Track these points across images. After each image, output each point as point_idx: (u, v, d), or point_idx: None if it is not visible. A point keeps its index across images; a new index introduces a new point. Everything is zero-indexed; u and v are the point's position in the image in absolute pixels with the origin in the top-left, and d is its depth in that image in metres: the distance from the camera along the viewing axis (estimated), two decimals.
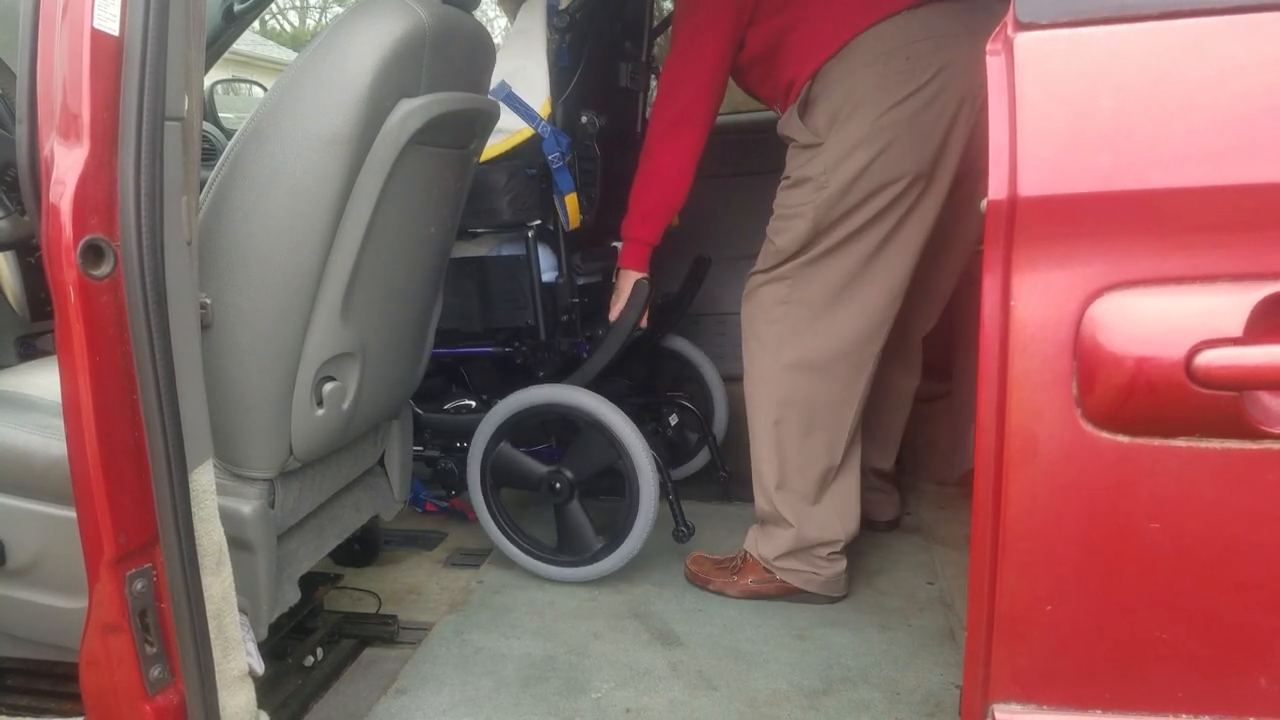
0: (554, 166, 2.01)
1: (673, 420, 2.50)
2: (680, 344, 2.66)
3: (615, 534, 2.01)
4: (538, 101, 1.98)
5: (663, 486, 2.01)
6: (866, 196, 1.77)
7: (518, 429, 2.08)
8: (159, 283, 0.98)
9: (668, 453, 2.01)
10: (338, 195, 1.29)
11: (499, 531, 2.10)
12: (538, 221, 2.06)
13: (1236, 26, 0.78)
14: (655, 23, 2.41)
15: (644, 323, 2.09)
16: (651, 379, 2.59)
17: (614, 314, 2.06)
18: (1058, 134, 0.81)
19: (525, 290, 2.08)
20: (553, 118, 2.01)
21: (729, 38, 1.89)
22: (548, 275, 2.12)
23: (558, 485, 2.03)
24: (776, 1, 1.86)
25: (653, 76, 2.50)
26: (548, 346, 2.15)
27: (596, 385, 2.07)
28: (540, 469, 2.06)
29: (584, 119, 2.07)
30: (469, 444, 2.11)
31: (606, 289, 2.21)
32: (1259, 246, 0.78)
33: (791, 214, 1.84)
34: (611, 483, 2.08)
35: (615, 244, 2.23)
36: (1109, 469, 0.83)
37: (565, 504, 2.04)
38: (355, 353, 1.45)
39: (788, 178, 1.88)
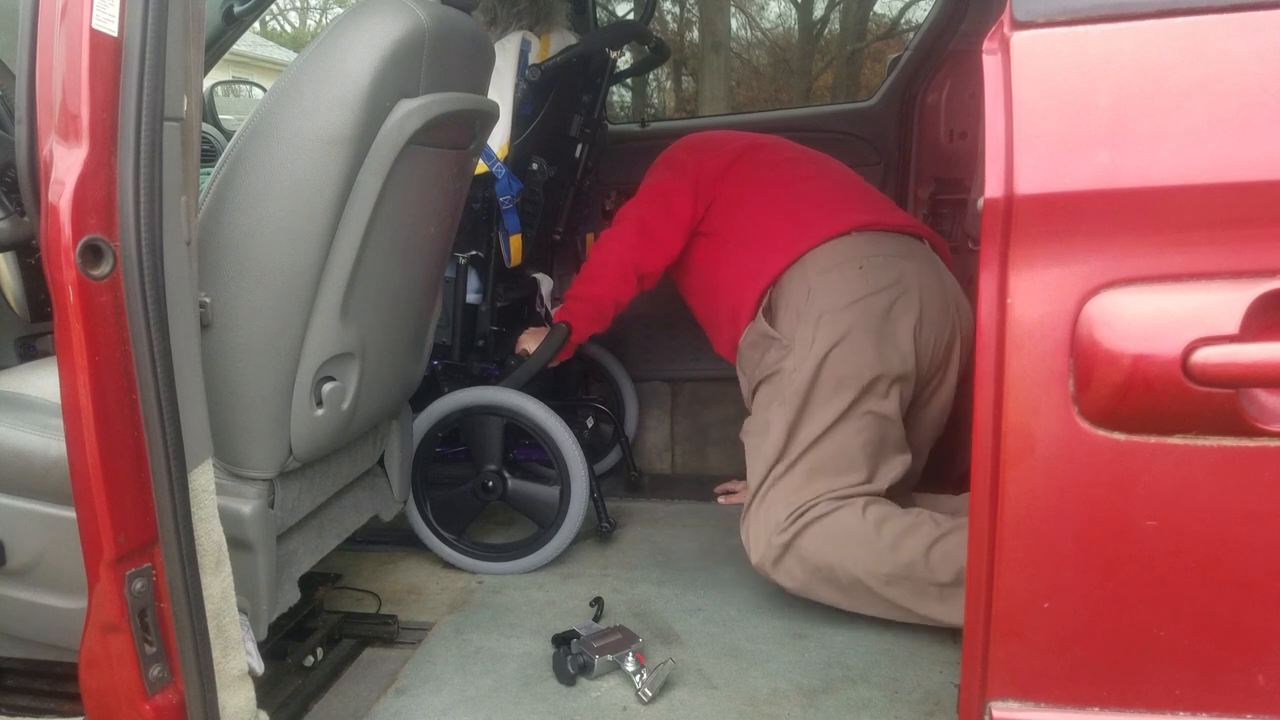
0: (504, 208, 2.11)
1: (589, 422, 2.63)
2: (592, 348, 2.76)
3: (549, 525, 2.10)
4: (497, 143, 2.05)
5: (590, 484, 2.10)
6: (836, 385, 1.80)
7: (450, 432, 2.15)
8: (158, 283, 0.98)
9: (586, 453, 2.13)
10: (337, 195, 1.29)
11: (430, 534, 2.13)
12: (474, 252, 2.16)
13: (1232, 24, 0.78)
14: (612, 74, 2.47)
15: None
16: (563, 381, 2.68)
17: (531, 348, 2.15)
18: (1054, 132, 0.81)
19: (448, 310, 2.15)
20: (507, 160, 2.07)
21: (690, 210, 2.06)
22: (471, 296, 2.21)
23: (490, 483, 2.10)
24: (727, 208, 2.04)
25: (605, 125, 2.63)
26: (460, 368, 2.23)
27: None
28: (467, 481, 2.13)
29: (534, 166, 2.16)
30: None
31: (520, 320, 2.38)
32: (1255, 244, 0.78)
33: (767, 413, 1.88)
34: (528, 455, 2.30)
35: (535, 275, 2.40)
36: (1106, 467, 0.83)
37: (506, 491, 2.11)
38: (355, 353, 1.45)
39: (762, 377, 1.94)
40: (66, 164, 0.94)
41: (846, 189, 2.08)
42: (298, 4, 16.53)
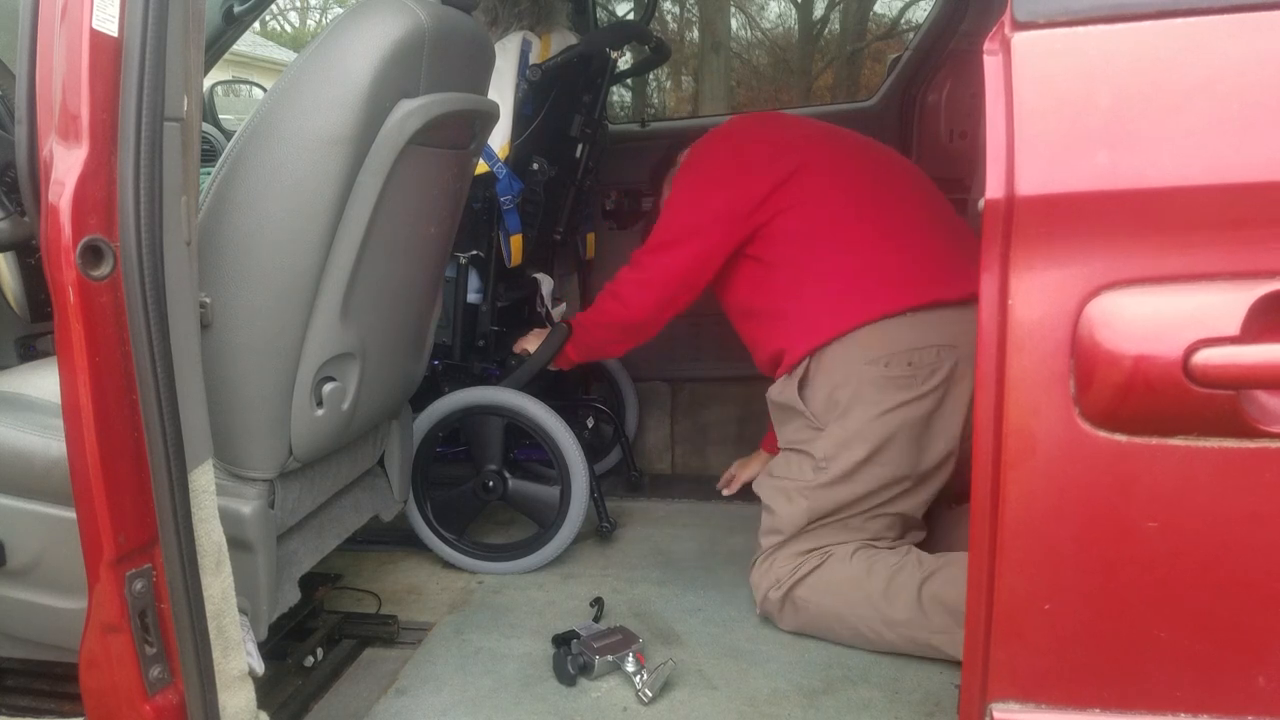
0: (505, 208, 2.10)
1: (589, 422, 2.62)
2: None
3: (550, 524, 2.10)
4: (498, 143, 2.05)
5: (590, 484, 2.10)
6: (865, 493, 1.76)
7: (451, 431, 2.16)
8: (158, 283, 0.98)
9: (586, 452, 2.14)
10: (337, 196, 1.29)
11: (431, 534, 2.13)
12: (475, 252, 2.15)
13: (1233, 25, 0.78)
14: (612, 74, 2.45)
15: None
16: (563, 381, 2.69)
17: (532, 349, 2.14)
18: (1055, 133, 0.81)
19: (449, 310, 2.15)
20: (508, 160, 2.07)
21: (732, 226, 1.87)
22: (472, 296, 2.20)
23: (490, 483, 2.10)
24: (778, 235, 1.86)
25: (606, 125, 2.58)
26: (461, 368, 2.23)
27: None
28: (467, 481, 2.13)
29: (535, 165, 2.15)
30: None
31: (520, 320, 2.38)
32: (1256, 245, 0.78)
33: (789, 486, 1.82)
34: (528, 455, 2.33)
35: (535, 275, 2.38)
36: (1107, 468, 0.83)
37: (506, 491, 2.11)
38: (355, 353, 1.45)
39: (789, 445, 1.86)
40: (66, 164, 0.94)
41: (913, 241, 1.84)
42: (298, 4, 16.53)
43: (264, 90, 2.53)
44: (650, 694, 1.58)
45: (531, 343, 2.16)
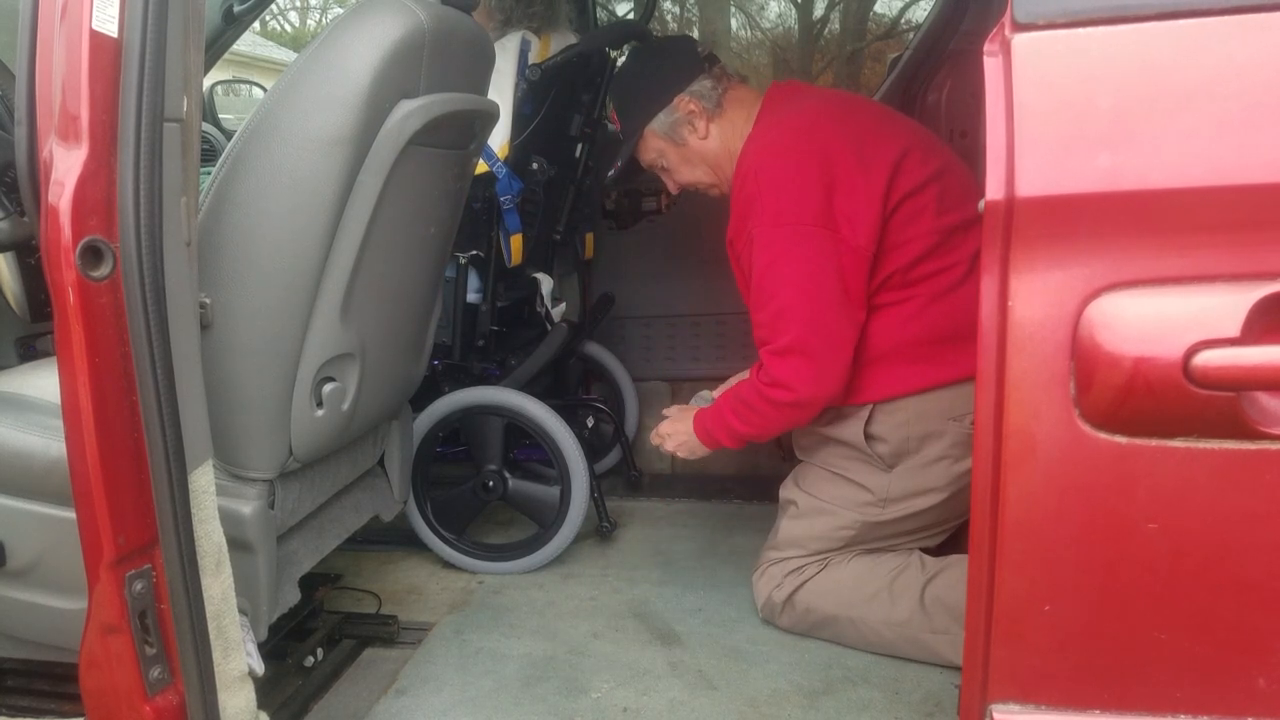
0: (505, 208, 2.10)
1: (589, 422, 2.63)
2: (592, 348, 2.78)
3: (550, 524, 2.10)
4: (497, 143, 2.04)
5: (590, 484, 2.10)
6: (912, 530, 1.76)
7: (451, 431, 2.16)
8: (158, 284, 0.98)
9: (587, 452, 2.15)
10: (337, 196, 1.29)
11: (431, 534, 2.13)
12: (474, 252, 2.15)
13: (1233, 26, 0.78)
14: (612, 73, 2.43)
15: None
16: (562, 381, 2.70)
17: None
18: (1055, 134, 0.81)
19: (448, 310, 2.15)
20: (508, 160, 2.07)
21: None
22: (472, 296, 2.20)
23: (490, 483, 2.10)
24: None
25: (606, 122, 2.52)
26: (461, 368, 2.23)
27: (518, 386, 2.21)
28: (467, 481, 2.13)
29: (534, 165, 2.15)
30: None
31: (520, 319, 2.40)
32: (1256, 247, 0.78)
33: (830, 513, 1.77)
34: (528, 455, 2.35)
35: (535, 275, 2.39)
36: (1107, 469, 0.83)
37: (507, 491, 2.11)
38: (355, 353, 1.45)
39: (833, 470, 1.80)
40: (66, 165, 0.94)
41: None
42: (298, 4, 16.52)
43: (264, 90, 2.53)
44: None
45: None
